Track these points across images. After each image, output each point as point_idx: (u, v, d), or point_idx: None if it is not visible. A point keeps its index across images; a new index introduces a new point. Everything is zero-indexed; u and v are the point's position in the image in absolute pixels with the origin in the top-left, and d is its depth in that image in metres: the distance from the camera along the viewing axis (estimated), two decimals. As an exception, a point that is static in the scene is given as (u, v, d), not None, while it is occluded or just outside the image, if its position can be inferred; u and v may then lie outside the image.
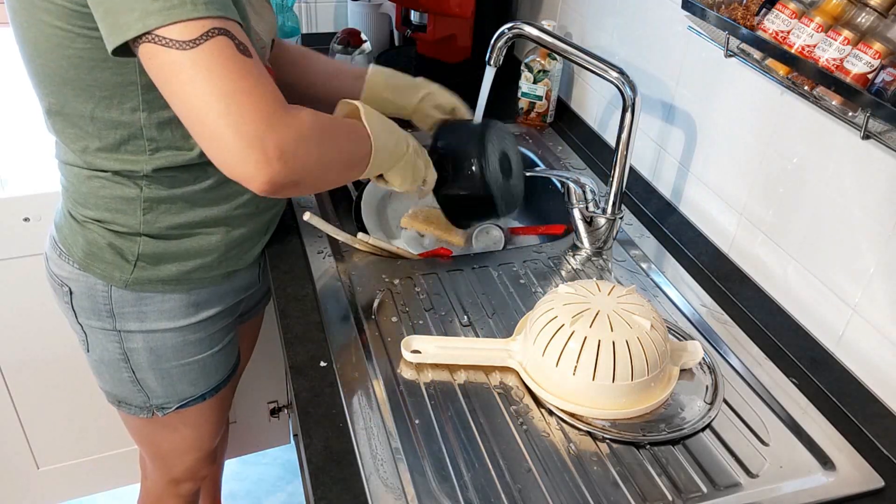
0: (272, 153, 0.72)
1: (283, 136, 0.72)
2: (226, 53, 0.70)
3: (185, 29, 0.68)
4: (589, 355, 0.80)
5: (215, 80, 0.69)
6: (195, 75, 0.69)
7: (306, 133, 0.76)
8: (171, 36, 0.68)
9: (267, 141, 0.71)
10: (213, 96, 0.69)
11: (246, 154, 0.71)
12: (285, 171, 0.73)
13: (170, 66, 0.69)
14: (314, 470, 0.75)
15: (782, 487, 0.77)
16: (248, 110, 0.70)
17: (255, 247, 1.05)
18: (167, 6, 0.67)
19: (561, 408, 0.82)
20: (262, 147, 0.71)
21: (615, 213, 1.09)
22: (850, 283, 0.86)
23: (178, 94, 0.71)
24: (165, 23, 0.68)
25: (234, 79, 0.70)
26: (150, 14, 0.68)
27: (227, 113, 0.69)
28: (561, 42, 1.03)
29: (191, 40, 0.68)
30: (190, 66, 0.69)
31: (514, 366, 0.87)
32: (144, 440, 1.20)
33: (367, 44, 1.55)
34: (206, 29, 0.69)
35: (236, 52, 0.71)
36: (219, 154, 0.72)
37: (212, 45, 0.69)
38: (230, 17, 0.72)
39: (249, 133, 0.70)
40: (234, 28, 0.72)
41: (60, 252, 0.98)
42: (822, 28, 0.78)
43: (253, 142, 0.70)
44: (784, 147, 0.94)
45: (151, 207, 0.92)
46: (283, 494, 1.88)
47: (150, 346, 1.02)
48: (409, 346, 0.88)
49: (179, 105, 0.72)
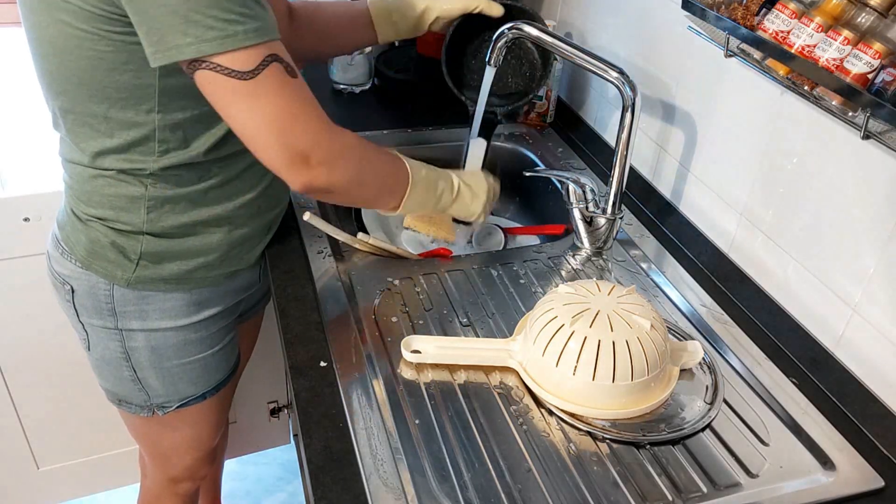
0: (314, 163, 0.82)
1: (325, 149, 0.82)
2: (280, 80, 0.77)
3: (241, 57, 0.74)
4: (589, 355, 0.80)
5: (270, 108, 0.77)
6: (253, 104, 0.77)
7: (347, 151, 0.86)
8: (229, 65, 0.74)
9: (311, 155, 0.81)
10: (267, 123, 0.78)
11: (287, 165, 0.81)
12: (323, 178, 0.83)
13: (230, 95, 0.76)
14: (314, 470, 0.75)
15: (782, 487, 0.77)
16: (299, 133, 0.80)
17: (256, 246, 1.05)
18: (222, 35, 0.72)
19: (561, 408, 0.82)
20: (305, 160, 0.81)
21: (615, 213, 1.09)
22: (850, 283, 0.86)
23: (236, 118, 0.78)
24: (220, 51, 0.73)
25: (286, 105, 0.78)
26: (204, 41, 0.72)
27: (280, 135, 0.78)
28: (561, 42, 1.03)
29: (249, 71, 0.75)
30: (248, 95, 0.76)
31: (514, 366, 0.87)
32: (144, 439, 1.20)
33: (367, 44, 1.54)
34: (262, 57, 0.75)
35: (287, 77, 0.78)
36: (269, 163, 0.81)
37: (268, 73, 0.76)
38: (277, 38, 0.78)
39: (298, 149, 0.80)
40: (281, 49, 0.78)
41: (63, 250, 0.98)
42: (822, 28, 0.78)
43: (300, 156, 0.80)
44: (784, 147, 0.94)
45: (156, 206, 0.92)
46: (283, 494, 1.88)
47: (151, 345, 1.02)
48: (409, 346, 0.88)
49: (236, 126, 0.79)
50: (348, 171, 0.87)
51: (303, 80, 0.81)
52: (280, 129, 0.78)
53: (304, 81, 0.81)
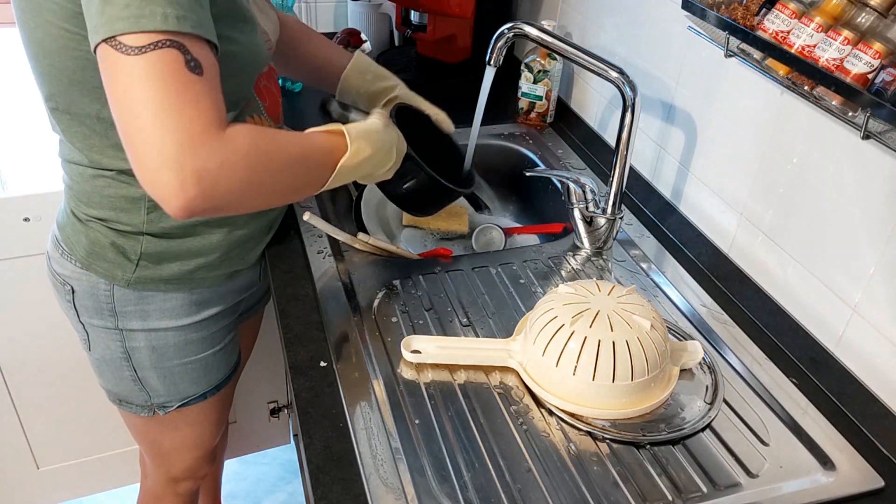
0: (189, 179, 0.68)
1: (204, 162, 0.68)
2: (170, 67, 0.67)
3: (142, 39, 0.67)
4: (589, 355, 0.80)
5: (149, 91, 0.67)
6: (133, 82, 0.67)
7: (235, 160, 0.71)
8: (125, 41, 0.67)
9: (185, 165, 0.67)
10: (143, 107, 0.67)
11: (161, 175, 0.67)
12: (201, 199, 0.69)
13: (113, 69, 0.68)
14: (314, 470, 0.75)
15: (782, 487, 0.77)
16: (174, 128, 0.67)
17: (257, 247, 1.05)
18: (136, 14, 0.66)
19: (561, 408, 0.82)
20: (180, 171, 0.67)
21: (615, 213, 1.09)
22: (850, 283, 0.86)
23: (113, 98, 0.69)
24: (131, 30, 0.66)
25: (170, 93, 0.67)
26: (119, 20, 0.66)
27: (152, 126, 0.67)
28: (561, 42, 1.03)
29: (138, 47, 0.66)
30: (129, 71, 0.67)
31: (514, 366, 0.88)
32: (145, 439, 1.20)
33: (367, 44, 1.55)
34: (158, 39, 0.67)
35: (182, 68, 0.68)
36: (138, 171, 0.69)
37: (158, 55, 0.67)
38: (201, 36, 0.70)
39: (169, 153, 0.67)
40: (195, 45, 0.70)
41: (63, 251, 0.98)
42: (822, 28, 0.78)
43: (170, 163, 0.67)
44: (784, 147, 0.94)
45: (156, 206, 0.92)
46: (283, 494, 1.88)
47: (151, 345, 1.02)
48: (409, 346, 0.88)
49: (114, 109, 0.69)
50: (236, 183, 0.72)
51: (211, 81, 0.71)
52: (154, 119, 0.66)
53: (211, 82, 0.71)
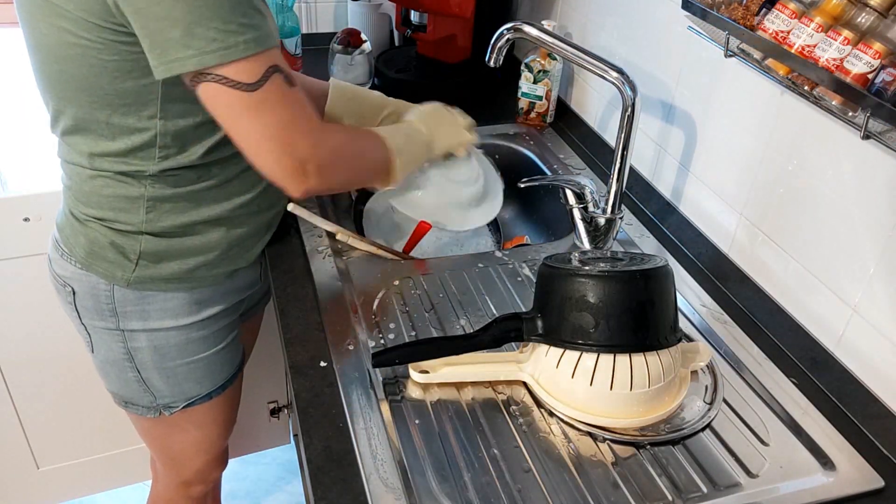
0: (311, 171, 0.83)
1: (321, 157, 0.84)
2: (281, 91, 0.79)
3: (244, 68, 0.75)
4: (606, 363, 0.78)
5: (272, 121, 0.79)
6: (257, 117, 0.78)
7: (340, 151, 0.88)
8: (233, 77, 0.75)
9: (308, 164, 0.83)
10: (272, 130, 0.79)
11: (295, 174, 0.83)
12: (319, 183, 0.85)
13: (234, 107, 0.78)
14: (314, 470, 0.75)
15: (782, 487, 0.77)
16: (294, 141, 0.81)
17: (256, 245, 1.05)
18: (223, 46, 0.73)
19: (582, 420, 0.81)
20: (304, 170, 0.83)
21: (615, 213, 1.09)
22: (850, 283, 0.86)
23: (238, 130, 0.80)
24: (223, 62, 0.74)
25: (290, 112, 0.80)
26: (206, 53, 0.72)
27: (286, 142, 0.80)
28: (561, 42, 1.02)
29: (253, 83, 0.76)
30: (251, 108, 0.77)
31: (525, 379, 0.86)
32: (155, 442, 1.20)
33: (367, 44, 1.54)
34: (265, 68, 0.77)
35: (287, 87, 0.80)
36: (267, 172, 0.83)
37: (270, 85, 0.77)
38: (275, 45, 0.79)
39: (294, 159, 0.82)
40: (279, 58, 0.80)
41: (63, 252, 0.98)
42: (822, 28, 0.78)
43: (297, 166, 0.82)
44: (784, 147, 0.94)
45: (155, 206, 0.92)
46: (283, 494, 1.88)
47: (153, 345, 1.02)
48: (417, 367, 0.85)
49: (238, 137, 0.81)
50: (342, 172, 0.90)
51: (300, 87, 0.82)
52: (282, 141, 0.80)
53: (300, 88, 0.82)
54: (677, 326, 0.83)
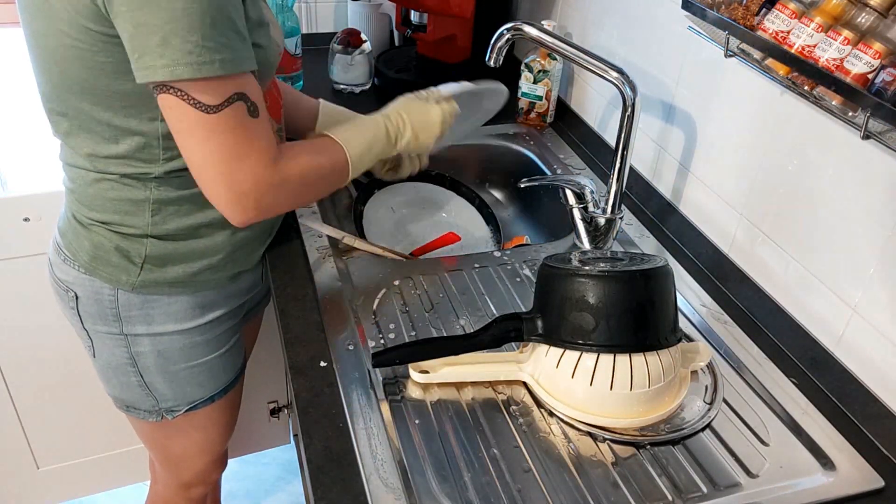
0: (249, 206, 0.83)
1: (261, 193, 0.83)
2: (238, 120, 0.78)
3: (210, 88, 0.75)
4: (606, 363, 0.79)
5: (222, 145, 0.78)
6: (208, 138, 0.77)
7: (289, 186, 0.86)
8: (195, 94, 0.75)
9: (246, 199, 0.82)
10: (216, 157, 0.79)
11: (231, 205, 0.82)
12: (260, 215, 0.85)
13: (188, 124, 0.77)
14: (314, 470, 0.75)
15: (782, 487, 0.77)
16: (233, 173, 0.80)
17: (259, 248, 1.05)
18: (198, 62, 0.73)
19: (582, 420, 0.81)
20: (241, 203, 0.82)
21: (615, 213, 1.09)
22: (850, 283, 0.86)
23: (188, 147, 0.79)
24: (194, 77, 0.73)
25: (239, 144, 0.79)
26: (179, 65, 0.72)
27: (226, 173, 0.80)
28: (561, 42, 1.02)
29: (213, 105, 0.76)
30: (204, 128, 0.77)
31: (525, 379, 0.86)
32: (155, 445, 1.20)
33: (367, 44, 1.55)
34: (231, 93, 0.77)
35: (247, 117, 0.79)
36: (209, 195, 0.83)
37: (230, 111, 0.77)
38: (249, 70, 0.79)
39: (238, 191, 0.81)
40: (250, 85, 0.79)
41: (65, 257, 0.97)
42: (822, 28, 0.78)
43: (240, 198, 0.82)
44: (784, 147, 0.94)
45: (160, 209, 0.92)
46: (283, 494, 1.88)
47: (157, 349, 1.02)
48: (417, 367, 0.85)
49: (187, 154, 0.80)
50: (287, 200, 0.89)
51: (263, 118, 0.82)
52: (222, 171, 0.79)
53: (264, 120, 0.82)
54: (677, 326, 0.84)
